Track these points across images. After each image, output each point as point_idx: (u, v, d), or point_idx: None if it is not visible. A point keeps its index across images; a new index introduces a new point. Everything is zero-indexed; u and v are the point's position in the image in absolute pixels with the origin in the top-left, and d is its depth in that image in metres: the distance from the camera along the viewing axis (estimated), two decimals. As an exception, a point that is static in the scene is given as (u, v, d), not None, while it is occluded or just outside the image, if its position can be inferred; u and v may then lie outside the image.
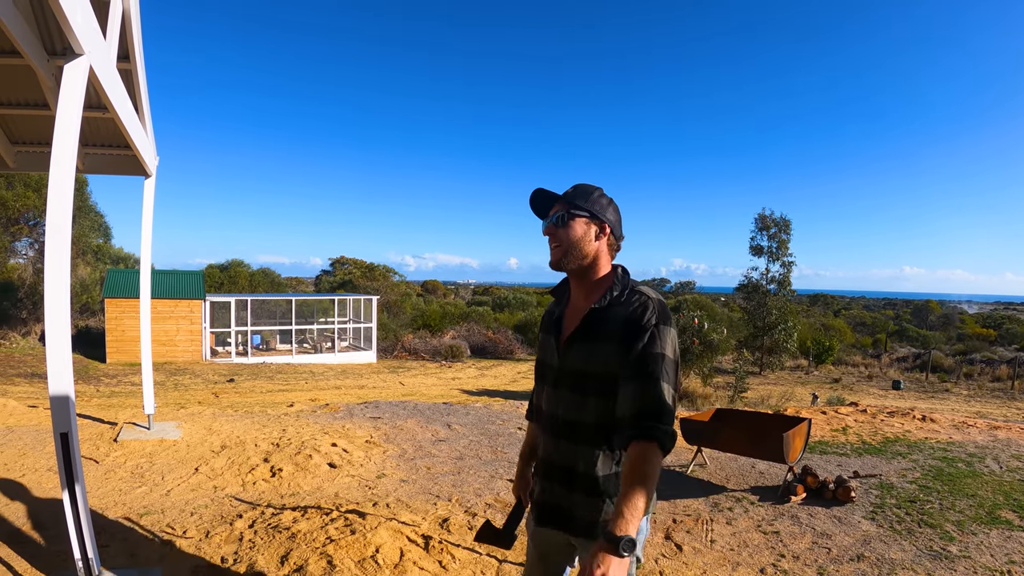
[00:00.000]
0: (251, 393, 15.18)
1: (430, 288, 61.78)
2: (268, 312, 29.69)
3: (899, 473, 6.65)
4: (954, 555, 4.49)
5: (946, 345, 44.81)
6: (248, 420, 7.92)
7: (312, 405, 10.10)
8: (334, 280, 47.50)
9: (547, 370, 2.11)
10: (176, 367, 20.89)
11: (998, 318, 64.84)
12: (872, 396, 21.95)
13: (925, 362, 32.60)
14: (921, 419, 9.69)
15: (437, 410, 9.50)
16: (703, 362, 20.51)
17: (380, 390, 17.34)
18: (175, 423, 7.25)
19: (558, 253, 2.02)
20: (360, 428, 7.74)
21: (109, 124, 6.04)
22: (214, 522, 4.44)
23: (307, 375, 20.75)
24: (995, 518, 5.31)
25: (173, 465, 5.81)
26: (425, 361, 28.17)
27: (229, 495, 5.11)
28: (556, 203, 2.07)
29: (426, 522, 4.58)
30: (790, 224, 32.66)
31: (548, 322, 2.18)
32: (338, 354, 26.65)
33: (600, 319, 1.98)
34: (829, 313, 59.68)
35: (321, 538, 4.03)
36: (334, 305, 29.84)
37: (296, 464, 5.91)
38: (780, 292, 32.80)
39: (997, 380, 29.17)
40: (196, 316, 22.83)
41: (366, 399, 12.63)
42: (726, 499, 5.72)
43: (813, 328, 41.25)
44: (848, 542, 4.72)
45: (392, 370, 23.88)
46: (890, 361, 36.55)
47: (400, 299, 41.07)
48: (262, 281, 39.24)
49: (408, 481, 5.75)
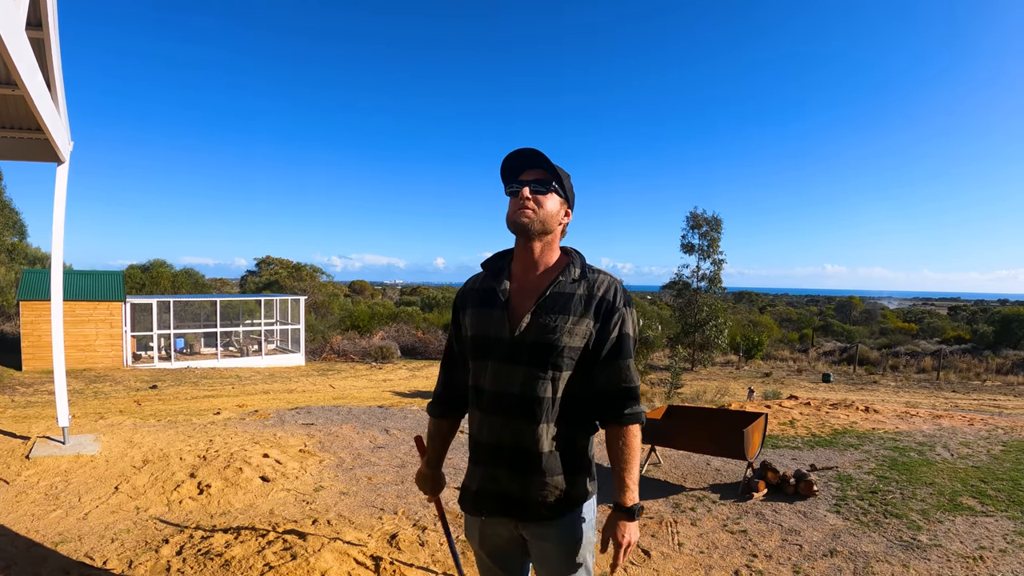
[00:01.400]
0: (175, 400, 14.37)
1: (358, 288, 60.83)
2: (192, 314, 28.45)
3: (855, 464, 6.64)
4: (925, 544, 4.49)
5: (870, 339, 46.40)
6: (172, 430, 7.31)
7: (240, 412, 9.51)
8: (260, 281, 46.09)
9: (493, 344, 1.98)
10: (96, 374, 19.69)
11: (918, 313, 67.70)
12: (804, 389, 22.33)
13: (852, 355, 33.55)
14: (865, 410, 9.76)
15: (373, 414, 9.06)
16: (638, 359, 20.48)
17: (310, 394, 16.70)
18: (93, 436, 6.60)
19: (531, 215, 1.98)
20: (293, 436, 7.24)
21: (18, 102, 5.36)
22: (137, 549, 3.93)
23: (233, 380, 19.87)
24: (957, 505, 5.36)
25: (91, 484, 5.21)
26: (355, 363, 27.45)
27: (153, 517, 4.57)
28: (540, 170, 2.02)
29: (373, 540, 4.17)
30: (721, 223, 33.28)
31: (483, 296, 2.06)
32: (265, 357, 25.68)
33: (564, 293, 1.98)
34: (755, 310, 61.15)
35: (259, 565, 3.58)
36: (260, 306, 28.85)
37: (225, 479, 5.40)
38: (711, 289, 33.33)
39: (922, 371, 30.26)
40: (116, 319, 21.57)
41: (296, 404, 12.07)
42: (687, 499, 5.53)
43: (742, 324, 42.09)
44: (818, 537, 4.63)
45: (321, 373, 23.15)
46: (817, 355, 37.57)
47: (328, 299, 40.20)
48: (185, 282, 37.84)
49: (349, 493, 5.32)
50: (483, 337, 2.01)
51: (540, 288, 2.00)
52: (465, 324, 2.09)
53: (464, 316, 2.10)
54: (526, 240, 2.01)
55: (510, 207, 2.01)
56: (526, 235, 2.00)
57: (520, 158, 2.01)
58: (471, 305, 2.08)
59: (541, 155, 1.98)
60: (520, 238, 2.03)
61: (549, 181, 2.00)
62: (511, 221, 2.00)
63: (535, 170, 2.02)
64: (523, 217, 1.97)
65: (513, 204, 2.00)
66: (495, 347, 1.98)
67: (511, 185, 2.02)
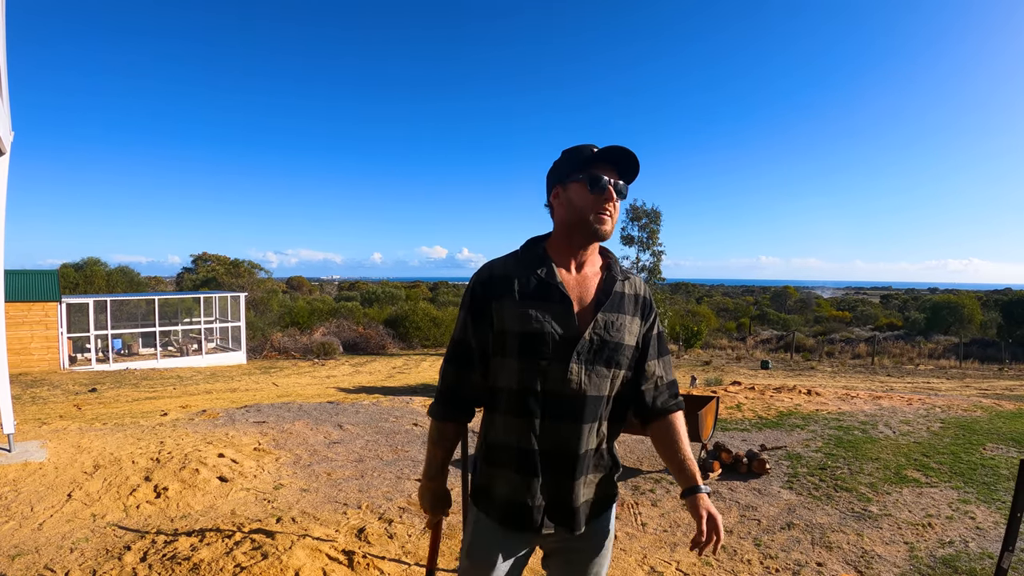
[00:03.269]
0: (116, 403, 13.94)
1: (295, 284, 59.95)
2: (128, 314, 27.56)
3: (802, 443, 6.90)
4: (876, 514, 4.74)
5: (805, 327, 47.79)
6: (120, 434, 7.12)
7: (187, 413, 9.32)
8: (197, 278, 44.95)
9: (554, 342, 1.81)
10: (32, 378, 18.93)
11: (851, 301, 69.95)
12: (743, 376, 22.88)
13: (789, 343, 34.53)
14: (807, 393, 10.09)
15: (325, 410, 9.00)
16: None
17: (254, 392, 16.39)
18: (39, 442, 6.38)
19: (612, 225, 1.89)
20: (246, 435, 7.15)
21: None
22: (99, 558, 3.81)
23: (175, 380, 19.37)
24: (903, 477, 5.66)
25: (42, 492, 5.02)
26: (297, 360, 27.05)
27: (111, 523, 4.43)
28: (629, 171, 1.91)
29: (341, 535, 4.17)
30: (660, 215, 33.68)
31: (535, 288, 1.85)
32: (206, 356, 25.12)
33: (619, 292, 1.92)
34: (692, 300, 62.19)
35: (229, 567, 3.53)
36: (199, 304, 28.13)
37: (182, 481, 5.30)
38: (651, 280, 33.79)
39: (857, 357, 31.36)
40: (52, 320, 20.75)
41: (241, 403, 11.84)
42: (644, 481, 5.69)
43: (680, 314, 42.79)
44: (774, 512, 4.83)
45: (264, 371, 22.74)
46: (755, 343, 38.54)
47: (267, 296, 39.46)
48: (120, 281, 36.74)
49: (310, 490, 5.29)
50: (539, 334, 1.81)
51: (591, 285, 1.91)
52: (503, 317, 1.86)
53: (501, 308, 1.86)
54: (592, 242, 1.92)
55: (586, 202, 1.85)
56: (599, 240, 1.91)
57: (615, 155, 1.87)
58: (514, 296, 1.85)
59: (636, 160, 1.87)
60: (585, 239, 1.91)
61: (623, 184, 1.90)
62: (587, 224, 1.86)
63: (625, 172, 1.90)
64: (606, 224, 1.87)
65: (593, 202, 1.85)
66: (558, 345, 1.82)
67: (599, 178, 1.85)
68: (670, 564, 3.97)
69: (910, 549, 4.16)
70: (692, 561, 4.00)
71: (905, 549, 4.17)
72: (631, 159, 1.85)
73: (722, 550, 4.15)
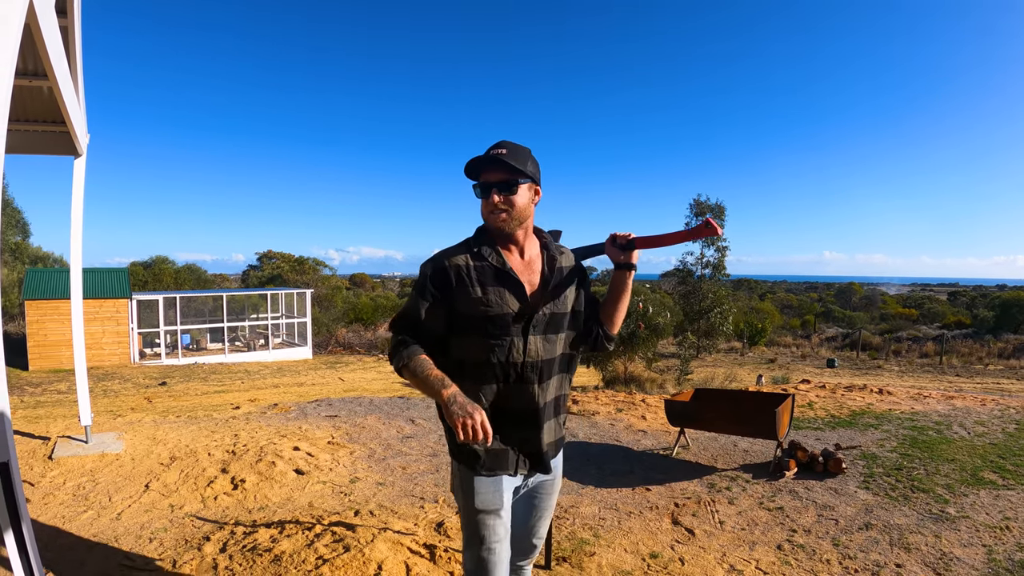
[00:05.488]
0: (186, 396, 14.32)
1: (358, 281, 60.70)
2: (196, 310, 28.37)
3: (877, 443, 6.72)
4: (953, 516, 4.62)
5: (871, 325, 46.42)
6: (194, 426, 7.27)
7: (259, 406, 9.47)
8: (262, 275, 45.93)
9: (511, 319, 2.10)
10: (103, 372, 19.63)
11: (918, 298, 67.73)
12: (809, 374, 22.33)
13: (855, 341, 33.60)
14: (879, 392, 9.81)
15: (395, 405, 9.03)
16: (648, 347, 20.33)
17: (320, 387, 16.66)
18: (115, 434, 6.55)
19: (506, 218, 2.12)
20: (319, 428, 7.21)
21: (37, 94, 5.21)
22: (178, 548, 3.88)
23: (242, 374, 19.84)
24: (980, 479, 5.48)
25: (119, 483, 5.16)
26: (362, 355, 27.38)
27: (189, 514, 4.52)
28: (500, 169, 2.10)
29: (421, 528, 4.16)
30: (725, 210, 33.01)
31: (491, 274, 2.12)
32: (272, 351, 25.68)
33: (560, 266, 2.24)
34: (755, 297, 61.02)
35: (311, 559, 3.54)
36: (266, 300, 28.77)
37: (259, 473, 5.38)
38: (715, 276, 33.22)
39: (924, 356, 30.31)
40: (123, 316, 21.52)
41: (309, 397, 12.02)
42: (720, 479, 5.57)
43: (744, 311, 41.98)
44: (851, 512, 4.72)
45: (329, 366, 23.12)
46: (820, 341, 37.60)
47: (331, 292, 40.10)
48: (188, 278, 37.79)
49: (386, 484, 5.30)
50: (498, 316, 2.09)
51: (537, 266, 2.22)
52: (462, 302, 2.10)
53: (458, 294, 2.10)
54: (504, 235, 2.17)
55: (483, 208, 2.14)
56: (504, 233, 2.16)
57: (482, 164, 2.12)
58: (472, 283, 2.10)
59: (500, 159, 2.07)
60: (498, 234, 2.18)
61: (514, 180, 2.10)
62: (490, 225, 2.16)
63: (498, 171, 2.10)
64: (499, 222, 2.12)
65: (484, 206, 2.13)
66: (516, 322, 2.11)
67: (478, 186, 2.15)
68: (749, 563, 3.88)
69: (988, 552, 4.01)
70: (771, 560, 3.91)
71: (983, 552, 4.02)
72: (494, 159, 2.07)
73: (800, 549, 4.06)
